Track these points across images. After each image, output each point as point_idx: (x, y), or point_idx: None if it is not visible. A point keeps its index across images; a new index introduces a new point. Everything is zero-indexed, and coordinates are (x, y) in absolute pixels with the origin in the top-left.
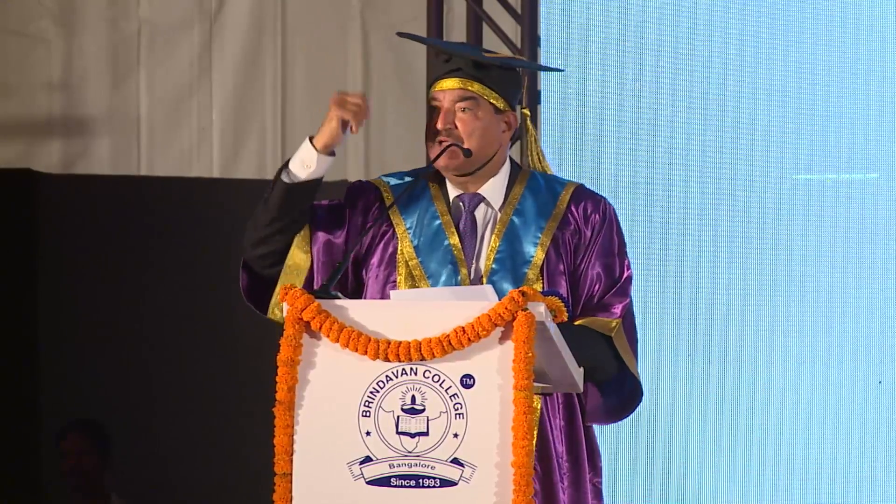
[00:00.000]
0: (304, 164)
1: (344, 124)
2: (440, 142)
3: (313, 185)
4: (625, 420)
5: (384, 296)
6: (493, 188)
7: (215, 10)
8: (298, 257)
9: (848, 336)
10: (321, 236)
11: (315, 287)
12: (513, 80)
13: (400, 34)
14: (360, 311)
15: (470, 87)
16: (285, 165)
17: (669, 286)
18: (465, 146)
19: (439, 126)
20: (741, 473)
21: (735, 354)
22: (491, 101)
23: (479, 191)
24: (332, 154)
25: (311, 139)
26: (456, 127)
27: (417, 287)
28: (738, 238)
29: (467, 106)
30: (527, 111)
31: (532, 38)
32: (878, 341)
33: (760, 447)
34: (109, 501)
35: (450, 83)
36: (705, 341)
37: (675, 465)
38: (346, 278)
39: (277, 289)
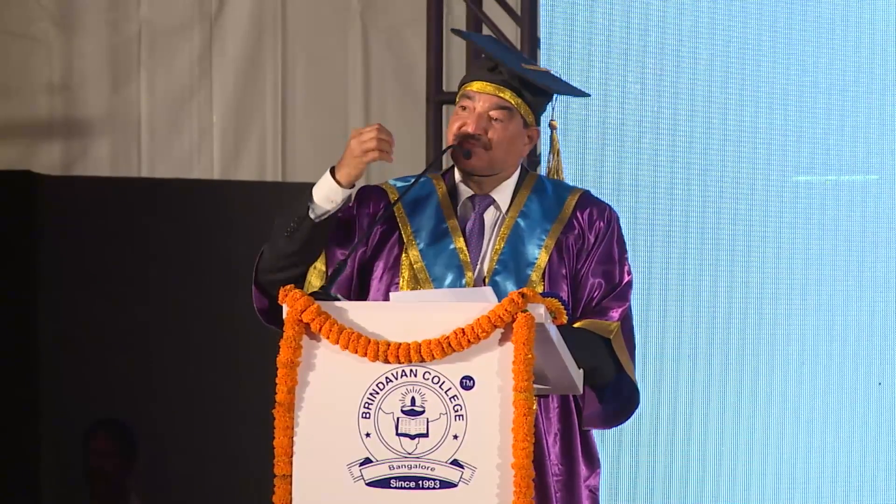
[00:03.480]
0: (330, 199)
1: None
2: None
3: (334, 217)
4: (626, 426)
5: (386, 299)
6: (504, 191)
7: (215, 12)
8: (319, 272)
9: (848, 338)
10: (336, 252)
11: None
12: (546, 95)
13: (454, 31)
14: (359, 313)
15: (508, 98)
16: (309, 196)
17: (671, 288)
18: (491, 154)
19: (471, 130)
20: (742, 477)
21: (736, 356)
22: (522, 114)
23: (490, 193)
24: (352, 186)
25: (331, 172)
26: (486, 133)
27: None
28: (739, 239)
29: (500, 116)
30: (555, 122)
31: (532, 40)
32: (877, 343)
33: (761, 450)
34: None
35: (489, 87)
36: (706, 343)
37: (676, 469)
38: (350, 284)
39: None
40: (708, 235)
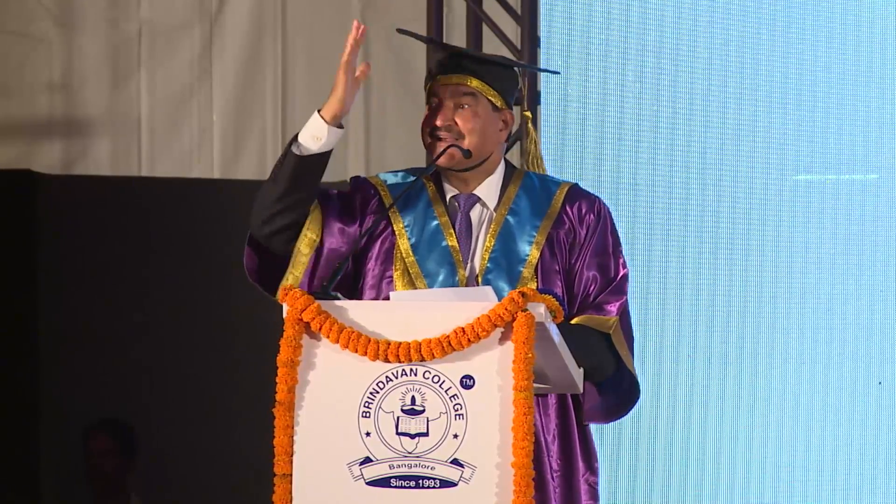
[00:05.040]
0: (315, 136)
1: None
2: (439, 137)
3: (324, 158)
4: (625, 421)
5: (381, 290)
6: (489, 188)
7: (216, 11)
8: (309, 241)
9: (848, 337)
10: (334, 224)
11: (315, 283)
12: (511, 78)
13: (400, 31)
14: (359, 312)
15: (469, 83)
16: (294, 139)
17: (670, 287)
18: (465, 145)
19: (439, 123)
20: (741, 475)
21: (735, 355)
22: (489, 97)
23: (474, 191)
24: (340, 126)
25: (319, 112)
26: (455, 123)
27: (413, 284)
28: (738, 238)
29: (467, 102)
30: (528, 113)
31: (532, 39)
32: (877, 342)
33: (760, 448)
34: (129, 502)
35: (449, 78)
36: (706, 342)
37: (675, 467)
38: (346, 271)
39: (287, 273)
40: (707, 234)
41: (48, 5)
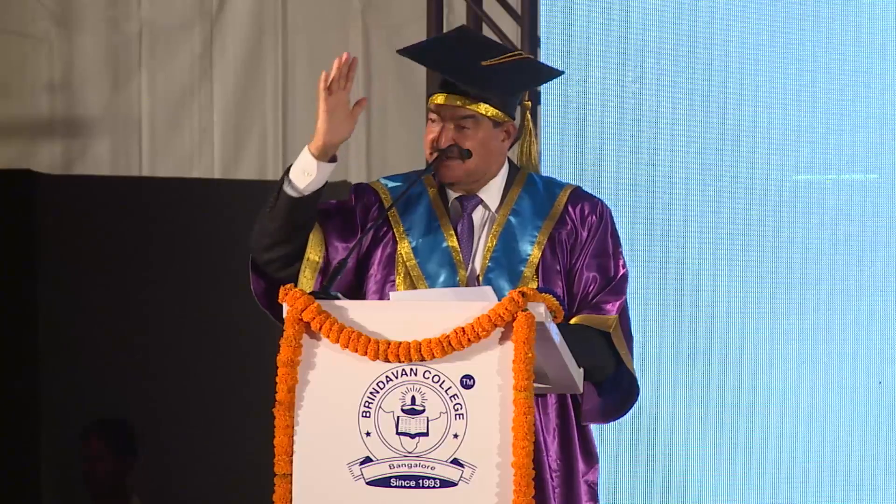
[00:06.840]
0: (304, 171)
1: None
2: (442, 157)
3: (315, 195)
4: (625, 421)
5: (383, 296)
6: (491, 190)
7: (216, 11)
8: (312, 263)
9: (848, 337)
10: (337, 242)
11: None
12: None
13: (400, 52)
14: (359, 312)
15: (469, 106)
16: (287, 172)
17: (670, 287)
18: (469, 161)
19: (441, 145)
20: (741, 476)
21: (735, 355)
22: (489, 116)
23: (477, 193)
24: (332, 160)
25: (309, 147)
26: (458, 144)
27: (415, 287)
28: (738, 239)
29: (467, 125)
30: (528, 103)
31: (532, 39)
32: (877, 342)
33: (760, 448)
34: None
35: (449, 99)
36: (706, 342)
37: (675, 468)
38: (346, 279)
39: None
40: (707, 234)
41: (48, 5)
